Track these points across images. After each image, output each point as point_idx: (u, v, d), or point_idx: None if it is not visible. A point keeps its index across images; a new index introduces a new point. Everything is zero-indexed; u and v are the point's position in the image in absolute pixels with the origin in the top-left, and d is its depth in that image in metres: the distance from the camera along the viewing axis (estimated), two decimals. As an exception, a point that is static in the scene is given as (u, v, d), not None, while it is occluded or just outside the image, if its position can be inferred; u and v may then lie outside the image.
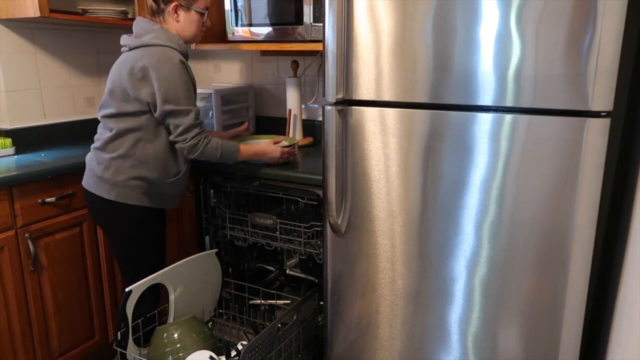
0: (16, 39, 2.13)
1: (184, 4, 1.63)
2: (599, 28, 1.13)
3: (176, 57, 1.57)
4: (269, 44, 2.01)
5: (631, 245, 1.20)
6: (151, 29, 1.61)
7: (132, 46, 1.60)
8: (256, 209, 2.16)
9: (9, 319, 1.73)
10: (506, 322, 1.38)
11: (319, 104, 2.39)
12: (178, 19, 1.65)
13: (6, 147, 1.99)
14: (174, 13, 1.64)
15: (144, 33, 1.61)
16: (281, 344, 1.67)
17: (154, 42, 1.58)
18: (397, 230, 1.46)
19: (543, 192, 1.26)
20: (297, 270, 2.44)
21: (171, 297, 1.74)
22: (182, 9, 1.64)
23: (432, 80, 1.32)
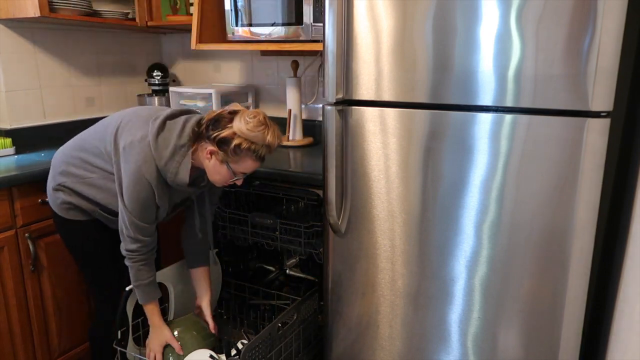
0: (16, 39, 2.13)
1: (221, 157, 1.42)
2: (599, 28, 1.13)
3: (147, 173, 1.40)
4: (269, 44, 2.01)
5: (631, 245, 1.20)
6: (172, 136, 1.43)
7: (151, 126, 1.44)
8: (256, 209, 2.15)
9: (9, 319, 1.73)
10: (506, 322, 1.38)
11: (319, 103, 2.39)
12: (209, 160, 1.45)
13: (6, 147, 1.99)
14: (208, 154, 1.44)
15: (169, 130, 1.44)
16: (281, 344, 1.67)
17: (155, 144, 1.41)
18: (397, 230, 1.46)
19: (543, 192, 1.26)
20: (297, 270, 2.43)
21: (171, 297, 1.74)
22: (216, 157, 1.43)
23: (432, 80, 1.32)
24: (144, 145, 1.40)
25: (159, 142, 1.42)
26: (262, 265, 2.41)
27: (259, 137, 1.40)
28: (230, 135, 1.39)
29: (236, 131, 1.39)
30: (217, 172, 1.46)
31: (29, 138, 2.20)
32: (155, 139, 1.41)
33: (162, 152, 1.41)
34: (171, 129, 1.45)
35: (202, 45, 2.12)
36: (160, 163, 1.41)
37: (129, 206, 1.42)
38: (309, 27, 1.94)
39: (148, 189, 1.41)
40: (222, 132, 1.40)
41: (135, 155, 1.40)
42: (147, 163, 1.39)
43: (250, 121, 1.40)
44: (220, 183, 1.51)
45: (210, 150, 1.43)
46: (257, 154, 1.43)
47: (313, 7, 1.90)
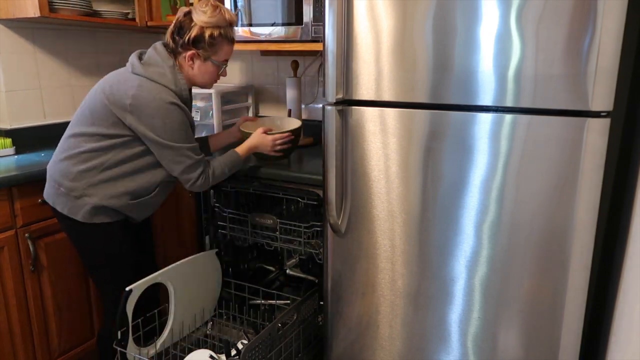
0: (16, 39, 2.13)
1: (202, 55, 1.55)
2: (599, 28, 1.13)
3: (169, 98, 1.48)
4: (269, 44, 2.01)
5: (631, 245, 1.20)
6: (160, 64, 1.52)
7: (135, 71, 1.51)
8: (256, 209, 2.15)
9: (9, 319, 1.73)
10: (506, 322, 1.38)
11: (319, 103, 2.39)
12: (192, 66, 1.57)
13: (6, 147, 1.99)
14: (189, 60, 1.56)
15: (152, 64, 1.53)
16: (281, 344, 1.67)
17: (155, 78, 1.50)
18: (397, 230, 1.46)
19: (543, 192, 1.26)
20: (297, 270, 2.43)
21: (171, 297, 1.74)
22: (198, 58, 1.56)
23: (432, 80, 1.32)
24: (149, 87, 1.47)
25: (155, 75, 1.50)
26: (262, 265, 2.41)
27: (221, 19, 1.53)
28: (199, 30, 1.51)
29: (202, 24, 1.51)
30: (204, 72, 1.58)
31: (29, 138, 2.20)
32: (149, 75, 1.49)
33: (166, 79, 1.50)
34: (152, 62, 1.53)
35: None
36: (172, 87, 1.51)
37: (172, 139, 1.49)
38: (309, 27, 1.94)
39: (180, 112, 1.50)
40: (191, 33, 1.51)
41: (149, 96, 1.46)
42: (164, 92, 1.48)
43: (206, 10, 1.52)
44: (211, 82, 1.64)
45: (190, 55, 1.54)
46: (228, 36, 1.57)
47: (313, 7, 1.90)
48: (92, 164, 1.52)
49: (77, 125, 1.55)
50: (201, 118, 2.29)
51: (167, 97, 1.48)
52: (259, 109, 2.56)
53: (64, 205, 1.56)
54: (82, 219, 1.55)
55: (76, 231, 1.60)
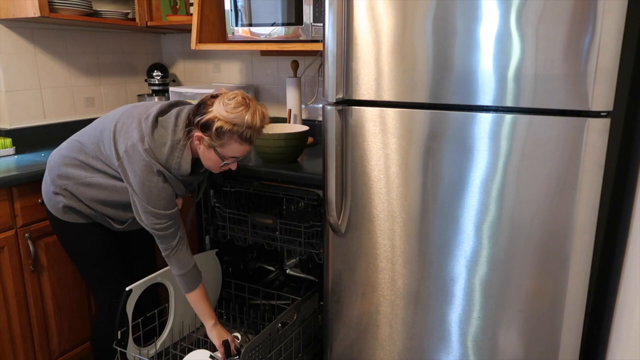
0: (16, 39, 2.13)
1: (207, 142, 1.43)
2: (599, 28, 1.13)
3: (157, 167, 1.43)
4: (269, 44, 2.01)
5: (631, 245, 1.20)
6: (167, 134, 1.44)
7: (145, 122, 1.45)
8: (256, 209, 2.15)
9: (9, 319, 1.73)
10: (506, 322, 1.38)
11: (319, 103, 2.39)
12: (199, 147, 1.47)
13: (6, 147, 1.99)
14: (197, 140, 1.45)
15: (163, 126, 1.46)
16: (281, 344, 1.67)
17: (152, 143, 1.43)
18: (397, 230, 1.46)
19: (543, 192, 1.26)
20: (297, 270, 2.44)
21: (171, 297, 1.74)
22: (203, 143, 1.44)
23: (432, 80, 1.32)
24: (140, 151, 1.42)
25: (156, 140, 1.43)
26: (262, 265, 2.41)
27: (239, 119, 1.39)
28: (211, 119, 1.40)
29: (216, 114, 1.39)
30: (207, 158, 1.48)
31: (29, 138, 2.20)
32: (152, 137, 1.43)
33: (161, 150, 1.43)
34: (164, 125, 1.46)
35: (202, 45, 2.12)
36: (162, 160, 1.43)
37: (151, 203, 1.44)
38: (309, 27, 1.94)
39: (162, 179, 1.44)
40: (204, 117, 1.40)
41: (138, 156, 1.42)
42: (152, 159, 1.42)
43: (229, 103, 1.39)
44: (213, 169, 1.52)
45: (198, 136, 1.43)
46: (242, 136, 1.41)
47: (313, 7, 1.90)
48: (77, 173, 1.54)
49: (87, 135, 1.57)
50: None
51: (155, 164, 1.42)
52: (259, 109, 2.56)
53: (45, 195, 1.61)
54: (56, 214, 1.58)
55: (53, 223, 1.64)
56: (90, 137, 1.54)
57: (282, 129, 2.03)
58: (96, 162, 1.52)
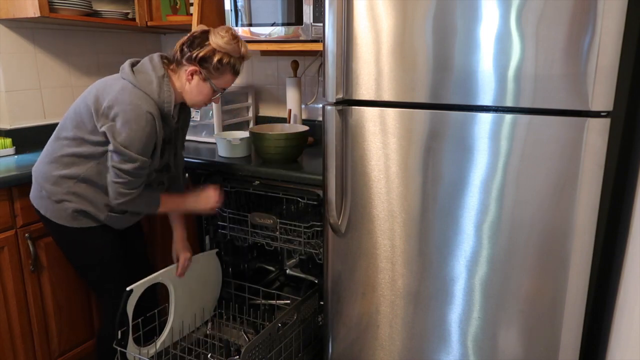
0: (16, 39, 2.13)
1: (204, 75, 1.52)
2: (599, 28, 1.13)
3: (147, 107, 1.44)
4: (269, 44, 2.01)
5: (631, 245, 1.20)
6: (149, 72, 1.50)
7: (123, 76, 1.50)
8: (256, 209, 2.16)
9: (9, 319, 1.73)
10: (506, 322, 1.38)
11: (319, 103, 2.39)
12: (190, 81, 1.54)
13: (6, 147, 1.99)
14: (189, 75, 1.52)
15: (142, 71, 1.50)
16: (281, 344, 1.67)
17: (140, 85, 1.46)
18: (397, 230, 1.46)
19: (543, 192, 1.26)
20: (297, 270, 2.44)
21: (171, 297, 1.74)
22: (199, 76, 1.52)
23: (432, 80, 1.32)
24: (130, 89, 1.45)
25: (141, 82, 1.47)
26: (262, 265, 2.41)
27: (236, 50, 1.52)
28: (209, 52, 1.49)
29: (215, 47, 1.48)
30: (199, 91, 1.54)
31: (29, 138, 2.20)
32: (136, 81, 1.47)
33: (150, 87, 1.47)
34: (142, 70, 1.51)
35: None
36: (154, 96, 1.47)
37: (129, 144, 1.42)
38: (309, 27, 1.94)
39: (152, 122, 1.45)
40: (202, 51, 1.48)
41: (128, 100, 1.43)
42: (142, 99, 1.44)
43: (225, 35, 1.50)
44: (200, 104, 1.59)
45: (192, 71, 1.50)
46: (235, 67, 1.54)
47: (313, 7, 1.90)
48: (71, 172, 1.52)
49: (63, 128, 1.55)
50: (201, 118, 2.29)
51: (145, 105, 1.44)
52: (259, 109, 2.56)
53: (46, 208, 1.57)
54: (65, 223, 1.56)
55: (60, 234, 1.60)
56: (67, 127, 1.53)
57: (282, 129, 2.03)
58: (82, 148, 1.50)
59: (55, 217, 1.56)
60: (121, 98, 1.43)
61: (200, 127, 2.32)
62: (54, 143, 1.56)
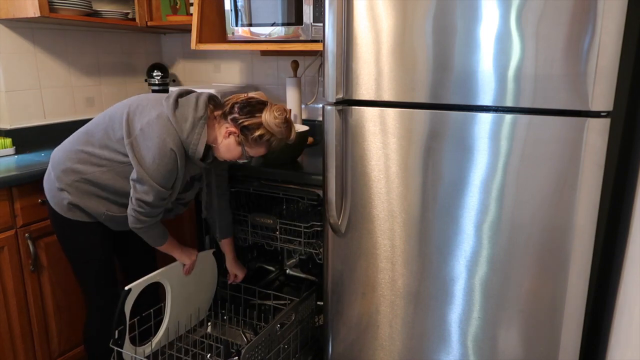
0: (16, 39, 2.13)
1: (240, 139, 1.51)
2: (599, 28, 1.13)
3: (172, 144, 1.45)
4: (269, 44, 2.01)
5: (631, 245, 1.20)
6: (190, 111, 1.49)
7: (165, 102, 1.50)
8: (256, 209, 2.15)
9: (9, 319, 1.73)
10: (506, 322, 1.38)
11: (319, 103, 2.39)
12: (225, 138, 1.52)
13: (6, 147, 1.99)
14: (227, 133, 1.51)
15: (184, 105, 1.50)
16: (280, 344, 1.67)
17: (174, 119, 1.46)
18: (397, 230, 1.46)
19: (543, 192, 1.26)
20: (297, 270, 2.44)
21: (168, 296, 1.74)
22: (235, 138, 1.52)
23: (432, 80, 1.32)
24: (163, 120, 1.46)
25: (178, 117, 1.47)
26: (262, 265, 2.41)
27: (282, 133, 1.52)
28: (256, 124, 1.49)
29: (264, 123, 1.48)
30: (229, 150, 1.54)
31: (29, 138, 2.19)
32: (174, 114, 1.47)
33: (182, 125, 1.47)
34: (185, 104, 1.51)
35: (202, 45, 2.12)
36: (183, 136, 1.47)
37: (153, 174, 1.45)
38: (309, 27, 1.94)
39: (174, 159, 1.46)
40: (250, 120, 1.49)
41: (157, 131, 1.45)
42: (171, 136, 1.45)
43: (279, 117, 1.50)
44: (227, 158, 1.59)
45: (231, 131, 1.51)
46: (272, 144, 1.54)
47: (313, 7, 1.90)
48: (81, 168, 1.54)
49: (93, 125, 1.58)
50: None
51: (171, 141, 1.45)
52: (259, 109, 2.56)
53: (48, 191, 1.61)
54: (60, 212, 1.58)
55: (55, 219, 1.64)
56: (98, 126, 1.56)
57: None
58: (103, 151, 1.52)
59: (53, 203, 1.60)
60: (153, 127, 1.45)
61: (200, 127, 2.31)
62: (81, 136, 1.58)
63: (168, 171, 1.47)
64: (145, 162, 1.46)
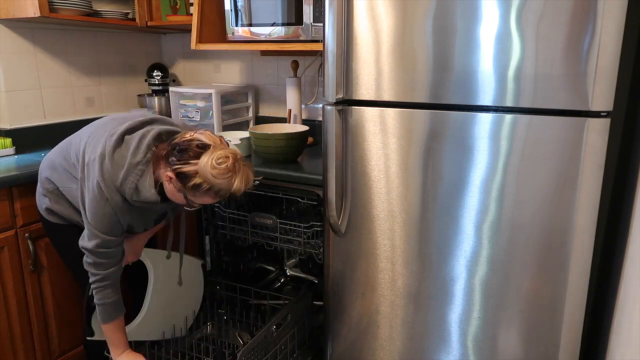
0: (16, 39, 2.13)
1: (178, 187, 1.34)
2: (599, 28, 1.13)
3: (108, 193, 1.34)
4: (269, 44, 2.01)
5: (631, 245, 1.20)
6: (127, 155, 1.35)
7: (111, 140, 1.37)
8: (256, 209, 2.15)
9: (9, 319, 1.73)
10: (506, 322, 1.38)
11: (319, 103, 2.39)
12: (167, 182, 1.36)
13: (6, 147, 1.99)
14: (166, 177, 1.35)
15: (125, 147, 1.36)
16: (277, 346, 1.66)
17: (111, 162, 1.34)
18: (397, 230, 1.46)
19: (543, 192, 1.26)
20: (297, 270, 2.44)
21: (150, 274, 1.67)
22: (174, 185, 1.34)
23: (432, 80, 1.32)
24: (102, 163, 1.35)
25: (115, 160, 1.35)
26: (262, 266, 2.41)
27: (223, 184, 1.31)
28: (192, 172, 1.30)
29: (199, 171, 1.29)
30: (173, 195, 1.39)
31: (29, 138, 2.19)
32: (112, 156, 1.35)
33: (117, 172, 1.34)
34: (127, 145, 1.37)
35: (202, 45, 2.12)
36: (116, 183, 1.34)
37: (91, 220, 1.37)
38: (309, 27, 1.94)
39: (108, 206, 1.35)
40: (184, 167, 1.30)
41: (94, 173, 1.35)
42: (105, 182, 1.34)
43: (217, 167, 1.28)
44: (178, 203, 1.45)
45: (169, 177, 1.34)
46: (218, 193, 1.34)
47: (313, 7, 1.90)
48: (56, 177, 1.53)
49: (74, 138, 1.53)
50: (201, 118, 2.29)
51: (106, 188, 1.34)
52: (259, 109, 2.56)
53: (36, 193, 1.63)
54: (43, 214, 1.61)
55: (46, 228, 1.65)
56: (71, 145, 1.51)
57: (282, 129, 2.03)
58: (73, 170, 1.48)
59: (39, 205, 1.62)
60: (93, 167, 1.36)
61: (200, 127, 2.31)
62: (64, 146, 1.55)
63: (104, 215, 1.35)
64: (85, 204, 1.37)
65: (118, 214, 1.37)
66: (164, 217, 1.60)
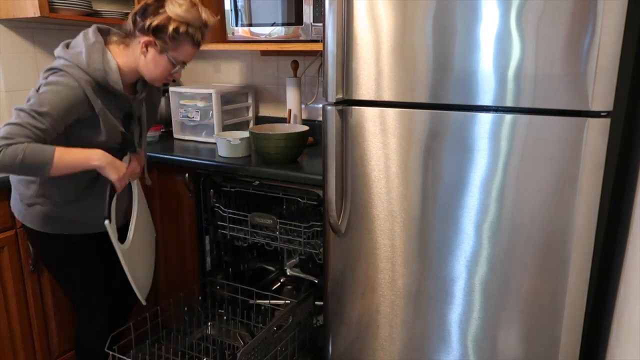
0: (16, 39, 2.13)
1: (159, 46, 1.37)
2: (599, 28, 1.13)
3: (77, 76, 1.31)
4: (269, 44, 2.01)
5: (631, 245, 1.20)
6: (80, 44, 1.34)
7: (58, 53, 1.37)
8: (256, 209, 2.15)
9: (9, 319, 1.73)
10: (506, 322, 1.38)
11: (319, 103, 2.39)
12: (145, 54, 1.39)
13: (6, 147, 1.99)
14: (143, 47, 1.38)
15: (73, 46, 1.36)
16: (277, 347, 1.66)
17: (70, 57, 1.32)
18: (397, 230, 1.46)
19: (543, 192, 1.26)
20: (297, 270, 2.44)
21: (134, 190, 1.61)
22: (154, 48, 1.38)
23: (432, 80, 1.32)
24: (58, 61, 1.33)
25: (70, 52, 1.35)
26: (262, 265, 2.41)
27: (196, 17, 1.37)
28: (165, 20, 1.35)
29: (171, 15, 1.35)
30: (155, 65, 1.40)
31: (29, 138, 2.19)
32: (67, 50, 1.35)
33: (78, 57, 1.33)
34: (74, 45, 1.38)
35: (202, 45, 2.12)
36: (82, 65, 1.32)
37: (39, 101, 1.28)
38: (309, 27, 1.94)
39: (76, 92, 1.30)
40: (156, 19, 1.34)
41: (56, 69, 1.31)
42: (71, 67, 1.31)
43: (183, 3, 1.36)
44: (160, 79, 1.46)
45: (146, 42, 1.37)
46: (195, 37, 1.40)
47: (313, 7, 1.91)
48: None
49: None
50: (201, 118, 2.29)
51: (75, 73, 1.30)
52: (259, 109, 2.56)
53: (19, 211, 1.53)
54: (37, 227, 1.49)
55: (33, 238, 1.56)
56: None
57: (282, 129, 2.03)
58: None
59: (27, 221, 1.51)
60: (48, 72, 1.31)
61: (200, 127, 2.32)
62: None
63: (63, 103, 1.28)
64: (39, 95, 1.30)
65: (90, 97, 1.32)
66: (129, 119, 1.50)
